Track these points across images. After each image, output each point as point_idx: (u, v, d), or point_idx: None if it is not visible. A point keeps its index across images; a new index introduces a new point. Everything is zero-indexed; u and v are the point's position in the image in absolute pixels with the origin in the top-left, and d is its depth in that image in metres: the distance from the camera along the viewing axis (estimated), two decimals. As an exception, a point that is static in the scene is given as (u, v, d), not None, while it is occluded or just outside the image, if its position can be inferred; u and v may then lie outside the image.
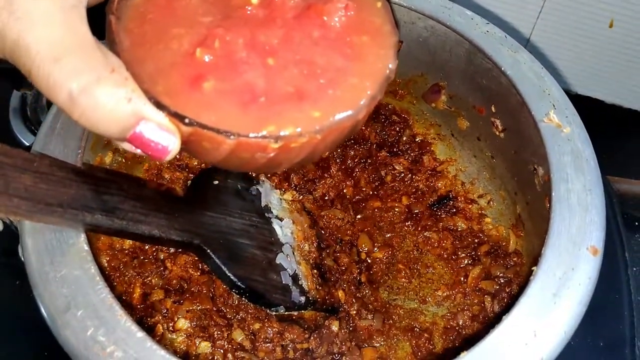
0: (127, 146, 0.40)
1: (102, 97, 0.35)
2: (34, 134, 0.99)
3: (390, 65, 0.43)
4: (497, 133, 0.72)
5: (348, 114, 0.40)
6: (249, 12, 0.44)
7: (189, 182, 0.77)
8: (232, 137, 0.38)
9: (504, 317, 0.46)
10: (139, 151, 0.40)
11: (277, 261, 0.65)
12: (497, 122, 0.71)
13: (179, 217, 0.57)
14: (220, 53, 0.41)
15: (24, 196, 0.44)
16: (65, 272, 0.48)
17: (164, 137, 0.38)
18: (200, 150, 0.41)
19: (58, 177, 0.47)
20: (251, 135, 0.39)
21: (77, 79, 0.35)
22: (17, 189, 0.44)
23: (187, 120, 0.38)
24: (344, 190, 0.80)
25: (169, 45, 0.41)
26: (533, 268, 0.49)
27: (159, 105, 0.38)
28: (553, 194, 0.52)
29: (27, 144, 0.99)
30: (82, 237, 0.50)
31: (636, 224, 1.04)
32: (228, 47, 0.41)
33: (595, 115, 1.18)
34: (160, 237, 0.54)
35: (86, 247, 0.49)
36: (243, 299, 0.63)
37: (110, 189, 0.51)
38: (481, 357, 0.44)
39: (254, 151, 0.40)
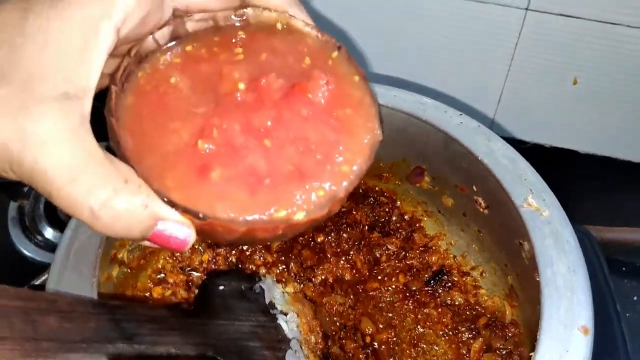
0: (147, 243, 0.43)
1: (121, 209, 0.38)
2: (34, 243, 1.02)
3: (378, 139, 0.46)
4: (481, 210, 0.76)
5: (345, 187, 0.43)
6: (238, 98, 0.46)
7: (190, 282, 0.80)
8: (244, 225, 0.41)
9: (509, 406, 0.49)
10: (157, 246, 0.42)
11: (287, 359, 0.68)
12: (480, 199, 0.75)
13: (192, 331, 0.59)
14: (220, 141, 0.43)
15: (52, 337, 0.46)
16: (91, 404, 0.50)
17: (180, 231, 0.41)
18: (214, 235, 0.43)
19: (79, 313, 0.50)
20: (264, 221, 0.41)
21: (95, 196, 0.37)
22: (45, 332, 0.46)
23: (200, 215, 0.41)
24: (342, 274, 0.84)
25: (170, 140, 0.43)
26: (531, 354, 0.52)
27: (172, 204, 0.41)
28: (540, 278, 0.56)
29: (27, 253, 1.01)
30: (104, 366, 0.52)
31: (623, 269, 1.08)
32: (226, 135, 0.43)
33: (570, 165, 1.24)
34: (177, 355, 0.56)
35: (109, 377, 0.52)
36: (258, 402, 0.65)
37: (127, 315, 0.54)
38: None
39: (266, 231, 0.42)
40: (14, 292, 0.48)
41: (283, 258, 0.84)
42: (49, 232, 1.02)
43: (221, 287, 0.69)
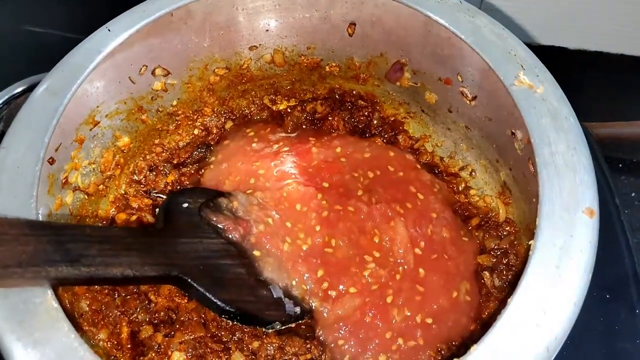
0: None
1: None
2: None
3: None
4: (468, 102, 0.69)
5: None
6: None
7: (157, 206, 0.74)
8: None
9: (509, 300, 0.44)
10: None
11: (265, 275, 0.62)
12: (466, 91, 0.68)
13: (152, 250, 0.53)
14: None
15: (-25, 264, 0.40)
16: (38, 335, 0.44)
17: None
18: None
19: (12, 236, 0.44)
20: None
21: None
22: (-34, 258, 0.40)
23: None
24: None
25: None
26: (530, 242, 0.47)
27: None
28: (537, 159, 0.50)
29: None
30: (49, 293, 0.46)
31: (619, 165, 1.03)
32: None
33: (562, 63, 1.17)
34: (135, 277, 0.50)
35: (55, 305, 0.46)
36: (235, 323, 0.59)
37: (73, 236, 0.48)
38: (492, 348, 0.42)
39: None
40: None
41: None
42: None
43: (185, 205, 0.62)
